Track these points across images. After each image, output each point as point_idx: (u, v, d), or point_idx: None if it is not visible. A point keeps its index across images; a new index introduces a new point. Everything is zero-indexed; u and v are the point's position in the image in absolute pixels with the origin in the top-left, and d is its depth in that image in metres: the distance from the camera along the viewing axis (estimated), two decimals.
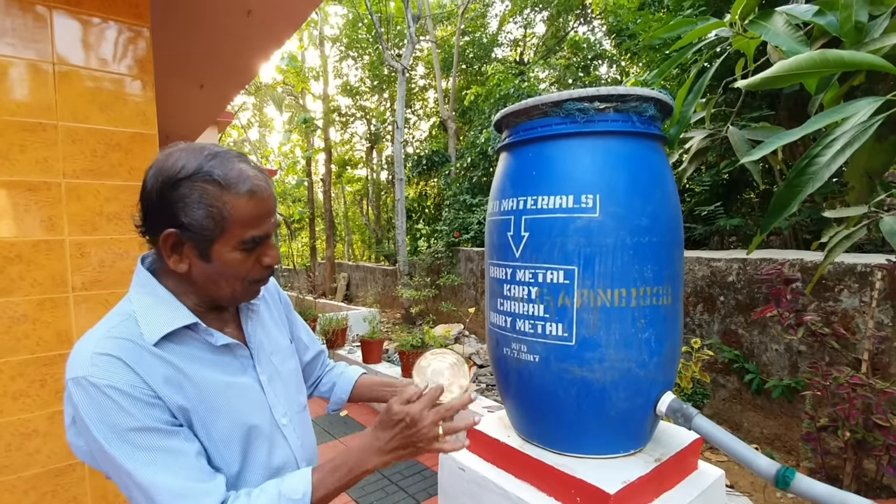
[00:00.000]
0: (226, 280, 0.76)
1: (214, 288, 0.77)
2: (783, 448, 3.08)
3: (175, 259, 0.73)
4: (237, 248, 0.73)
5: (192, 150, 0.73)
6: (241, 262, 0.75)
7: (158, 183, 0.71)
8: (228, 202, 0.71)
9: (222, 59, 3.38)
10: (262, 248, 0.77)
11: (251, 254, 0.76)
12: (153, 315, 0.73)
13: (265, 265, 0.78)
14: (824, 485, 1.06)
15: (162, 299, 0.75)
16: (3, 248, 1.75)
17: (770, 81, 0.91)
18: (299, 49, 14.42)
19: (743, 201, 5.03)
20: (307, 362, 1.09)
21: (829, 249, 1.31)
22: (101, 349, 0.68)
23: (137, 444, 0.66)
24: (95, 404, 0.66)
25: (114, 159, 1.97)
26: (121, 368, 0.68)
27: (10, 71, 1.77)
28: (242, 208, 0.72)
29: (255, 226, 0.74)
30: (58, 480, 1.88)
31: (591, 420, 1.26)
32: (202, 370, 0.76)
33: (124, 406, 0.66)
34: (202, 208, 0.70)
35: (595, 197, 1.17)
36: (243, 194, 0.72)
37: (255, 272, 0.78)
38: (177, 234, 0.71)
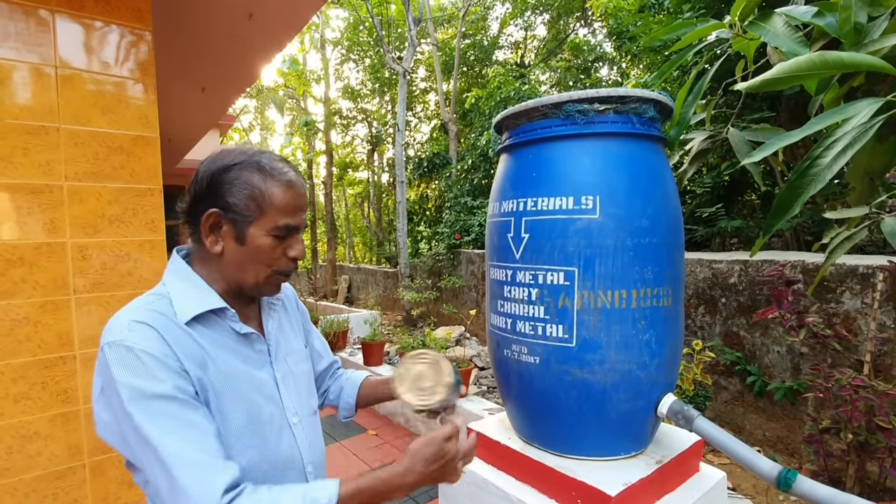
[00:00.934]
0: (254, 266, 0.81)
1: (242, 273, 0.81)
2: (785, 450, 3.07)
3: (212, 239, 0.80)
4: (270, 233, 0.79)
5: (242, 147, 0.84)
6: (271, 249, 0.80)
7: (210, 171, 0.79)
8: (269, 188, 0.79)
9: (224, 63, 3.39)
10: (291, 239, 0.82)
11: (281, 242, 0.81)
12: (186, 297, 0.78)
13: (291, 257, 0.83)
14: (826, 487, 1.06)
15: (195, 284, 0.81)
16: (5, 251, 1.75)
17: (770, 83, 0.92)
18: (300, 52, 14.47)
19: (744, 203, 5.02)
20: (320, 371, 1.11)
21: (831, 251, 1.31)
22: (138, 318, 0.73)
23: (161, 411, 0.69)
24: (129, 366, 0.69)
25: (115, 162, 1.97)
26: (155, 336, 0.72)
27: (14, 74, 1.78)
28: (280, 196, 0.79)
29: (290, 215, 0.81)
30: (59, 483, 1.88)
31: (592, 422, 1.26)
32: (226, 356, 0.80)
33: (155, 371, 0.69)
34: (246, 190, 0.78)
35: (595, 198, 1.17)
36: (283, 183, 0.80)
37: (281, 263, 0.83)
38: (218, 214, 0.78)
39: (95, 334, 1.94)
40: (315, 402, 0.99)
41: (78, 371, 1.91)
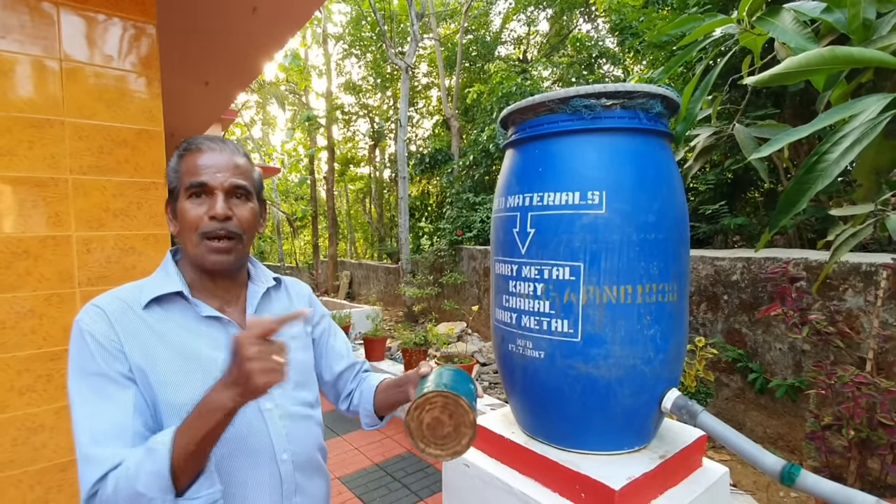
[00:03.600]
0: (186, 233, 0.85)
1: (185, 245, 0.87)
2: (786, 447, 3.08)
3: (172, 224, 0.88)
4: (185, 196, 0.85)
5: None
6: (189, 212, 0.84)
7: None
8: (182, 160, 0.87)
9: (227, 57, 3.38)
10: (207, 199, 0.85)
11: (199, 205, 0.84)
12: (153, 284, 0.85)
13: (210, 216, 0.84)
14: (829, 481, 1.06)
15: (167, 272, 0.87)
16: (11, 244, 1.76)
17: (779, 78, 0.91)
18: (302, 46, 14.42)
19: (747, 200, 5.02)
20: (339, 372, 1.08)
21: (835, 248, 1.31)
22: (97, 302, 0.80)
23: (89, 385, 0.75)
24: (75, 343, 0.77)
25: (120, 156, 1.98)
26: (101, 320, 0.78)
27: (18, 68, 1.78)
28: (188, 161, 0.86)
29: (195, 174, 0.85)
30: (63, 475, 1.89)
31: (596, 416, 1.26)
32: (185, 336, 0.83)
33: (93, 351, 0.76)
34: (170, 169, 0.88)
35: (601, 193, 1.17)
36: (191, 150, 0.87)
37: (203, 223, 0.84)
38: (166, 200, 0.89)
39: None
40: (309, 396, 0.96)
41: None
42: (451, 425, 0.71)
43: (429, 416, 0.71)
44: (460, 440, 0.71)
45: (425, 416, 0.71)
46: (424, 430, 0.72)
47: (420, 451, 0.73)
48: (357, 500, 2.70)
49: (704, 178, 4.69)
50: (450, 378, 0.76)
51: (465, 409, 0.70)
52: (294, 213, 15.65)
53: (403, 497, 2.75)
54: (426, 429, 0.72)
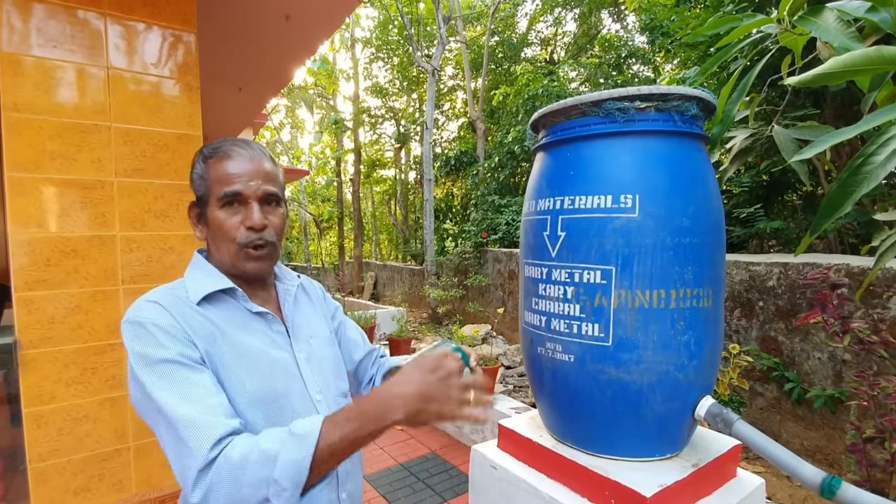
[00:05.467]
0: (221, 242, 0.86)
1: (220, 254, 0.87)
2: (825, 460, 2.96)
3: (198, 230, 0.89)
4: (218, 205, 0.85)
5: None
6: (223, 222, 0.84)
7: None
8: (209, 165, 0.86)
9: (261, 63, 3.48)
10: (245, 209, 0.85)
11: (233, 214, 0.85)
12: (198, 282, 0.85)
13: (248, 226, 0.85)
14: (872, 495, 1.02)
15: (206, 271, 0.87)
16: (60, 243, 1.85)
17: (822, 78, 0.89)
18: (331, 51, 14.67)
19: (784, 203, 4.85)
20: (359, 360, 1.14)
21: (881, 254, 1.26)
22: (150, 298, 0.81)
23: (166, 374, 0.72)
24: (139, 337, 0.75)
25: (161, 159, 2.06)
26: (161, 311, 0.78)
27: (68, 76, 1.87)
28: (218, 168, 0.85)
29: (227, 182, 0.84)
30: (105, 464, 1.98)
31: (627, 422, 1.25)
32: (239, 333, 0.84)
33: (160, 339, 0.74)
34: (197, 174, 0.87)
35: (635, 197, 1.16)
36: (218, 156, 0.86)
37: (240, 233, 0.85)
38: (192, 204, 0.89)
39: None
40: (344, 386, 1.01)
41: (125, 358, 2.00)
42: None
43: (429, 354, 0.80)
44: None
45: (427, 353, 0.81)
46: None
47: None
48: (382, 498, 2.73)
49: (739, 180, 4.56)
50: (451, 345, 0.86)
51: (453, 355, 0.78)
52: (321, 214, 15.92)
53: (427, 498, 2.76)
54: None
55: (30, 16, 1.79)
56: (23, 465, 1.85)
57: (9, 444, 2.50)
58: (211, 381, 0.75)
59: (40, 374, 1.83)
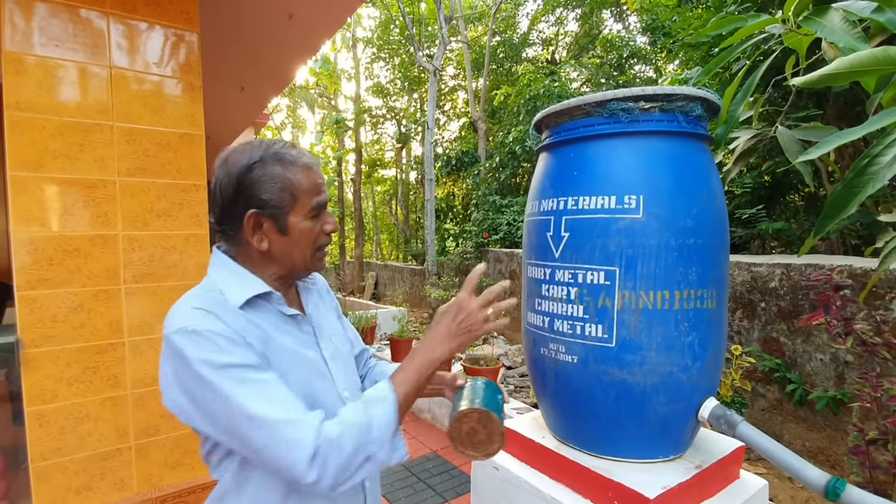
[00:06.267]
0: (299, 249, 0.87)
1: (289, 260, 0.88)
2: (826, 462, 2.96)
3: (258, 238, 0.84)
4: (307, 216, 0.86)
5: (248, 145, 0.86)
6: (310, 230, 0.87)
7: (232, 177, 0.83)
8: (295, 176, 0.84)
9: (263, 63, 3.48)
10: (323, 216, 0.89)
11: (317, 221, 0.88)
12: (234, 285, 0.83)
13: (327, 231, 0.90)
14: (877, 497, 1.02)
15: (239, 274, 0.86)
16: (62, 242, 1.85)
17: (829, 79, 0.89)
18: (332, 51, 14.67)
19: (786, 204, 4.84)
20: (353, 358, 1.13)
21: (885, 255, 1.26)
22: (197, 305, 0.78)
23: (239, 378, 0.74)
24: (200, 346, 0.74)
25: (164, 159, 2.06)
26: (215, 319, 0.77)
27: (71, 75, 1.87)
28: (305, 180, 0.85)
29: (317, 193, 0.87)
30: (106, 463, 1.98)
31: (630, 423, 1.24)
32: (279, 336, 0.85)
33: (223, 346, 0.74)
34: (277, 183, 0.83)
35: (638, 198, 1.16)
36: (303, 168, 0.86)
37: (321, 238, 0.89)
38: (258, 213, 0.83)
39: (143, 323, 2.03)
40: (358, 381, 1.05)
41: (126, 357, 2.00)
42: (485, 434, 0.88)
43: (467, 426, 0.88)
44: (492, 445, 0.88)
45: (464, 426, 0.88)
46: (464, 436, 0.89)
47: (460, 452, 0.89)
48: (383, 498, 2.73)
49: (741, 181, 4.55)
50: (482, 393, 0.92)
51: (496, 422, 0.87)
52: None
53: (429, 498, 2.76)
54: (465, 435, 0.89)
55: (32, 15, 1.79)
56: (25, 464, 1.86)
57: (11, 442, 2.50)
58: (278, 379, 0.78)
59: (42, 372, 1.83)
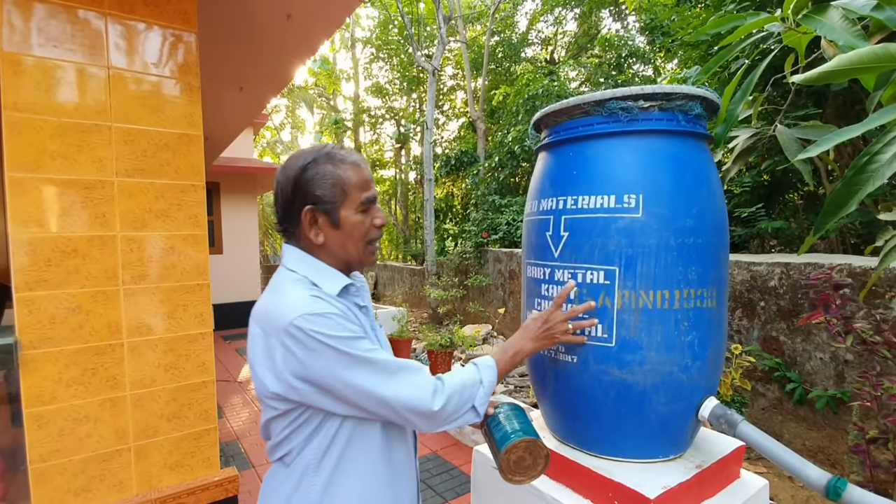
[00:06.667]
0: (352, 242, 0.96)
1: (344, 252, 0.96)
2: (827, 461, 2.95)
3: (315, 232, 0.94)
4: (357, 210, 0.94)
5: (303, 150, 0.97)
6: (360, 223, 0.95)
7: (290, 178, 0.93)
8: (345, 172, 0.93)
9: (262, 63, 3.48)
10: (373, 210, 0.97)
11: (367, 215, 0.96)
12: (324, 276, 0.94)
13: (377, 225, 0.98)
14: (878, 497, 1.02)
15: (325, 270, 0.96)
16: (60, 243, 1.85)
17: (828, 76, 0.88)
18: (331, 51, 14.67)
19: (785, 203, 4.84)
20: None
21: (885, 254, 1.26)
22: (311, 294, 0.88)
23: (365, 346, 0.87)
24: (329, 325, 0.84)
25: (162, 159, 2.05)
26: (328, 304, 0.88)
27: (69, 75, 1.87)
28: (354, 176, 0.94)
29: (367, 188, 0.95)
30: (105, 465, 1.97)
31: (630, 423, 1.24)
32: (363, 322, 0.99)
33: (345, 324, 0.86)
34: (328, 180, 0.92)
35: (638, 197, 1.15)
36: (353, 165, 0.94)
37: (371, 232, 0.98)
38: (313, 209, 0.92)
39: (141, 324, 2.03)
40: None
41: (125, 358, 2.00)
42: (531, 459, 0.96)
43: (514, 456, 0.95)
44: (536, 468, 0.97)
45: (512, 456, 0.95)
46: (512, 465, 0.96)
47: (508, 480, 0.97)
48: None
49: (740, 180, 4.55)
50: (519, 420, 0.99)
51: (541, 447, 0.95)
52: None
53: (429, 498, 2.76)
54: (513, 464, 0.96)
55: (30, 15, 1.79)
56: (23, 466, 1.85)
57: (9, 444, 2.49)
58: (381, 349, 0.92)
59: (41, 374, 1.82)
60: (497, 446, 0.96)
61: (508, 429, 0.96)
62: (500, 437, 0.96)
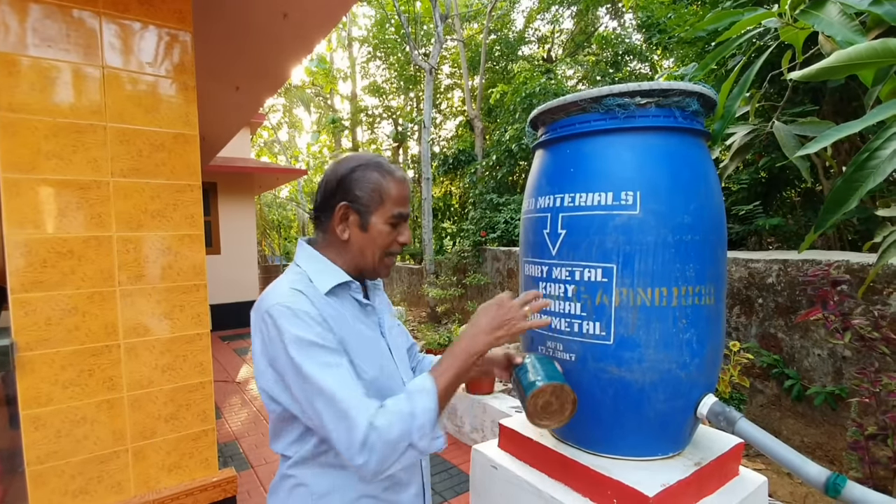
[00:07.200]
0: (372, 249, 0.97)
1: (361, 256, 0.98)
2: (825, 457, 2.96)
3: (342, 228, 0.97)
4: (388, 221, 0.97)
5: (360, 154, 1.02)
6: (387, 235, 0.97)
7: (338, 173, 0.97)
8: (387, 183, 0.96)
9: (258, 62, 3.46)
10: (402, 227, 1.00)
11: (394, 229, 0.98)
12: (321, 274, 0.95)
13: (401, 242, 1.00)
14: (878, 493, 1.01)
15: (325, 264, 0.98)
16: (56, 244, 1.84)
17: (826, 72, 0.88)
18: (328, 50, 14.63)
19: (783, 200, 4.85)
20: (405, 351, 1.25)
21: (883, 250, 1.25)
22: (293, 286, 0.90)
23: (316, 355, 0.84)
24: (291, 321, 0.85)
25: (158, 159, 2.04)
26: (307, 301, 0.88)
27: (64, 75, 1.86)
28: (395, 189, 0.97)
29: (402, 205, 0.98)
30: (103, 467, 1.97)
31: (629, 421, 1.24)
32: (354, 321, 0.96)
33: (313, 326, 0.86)
34: (370, 184, 0.96)
35: (636, 194, 1.15)
36: (397, 179, 0.98)
37: (393, 246, 1.00)
38: (348, 206, 0.96)
39: (138, 324, 2.02)
40: (411, 372, 1.15)
41: (122, 360, 1.99)
42: (558, 404, 0.99)
43: (541, 400, 0.97)
44: (564, 413, 1.00)
45: (539, 401, 0.97)
46: (539, 409, 0.98)
47: (535, 424, 1.00)
48: None
49: (738, 177, 4.55)
50: (547, 367, 1.02)
51: (568, 391, 0.99)
52: None
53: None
54: (540, 409, 0.98)
55: (25, 15, 1.77)
56: (21, 468, 1.84)
57: (7, 446, 2.48)
58: (350, 365, 0.87)
59: (37, 376, 1.82)
60: (524, 392, 0.98)
61: (535, 376, 0.99)
62: (527, 384, 0.99)
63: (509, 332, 0.95)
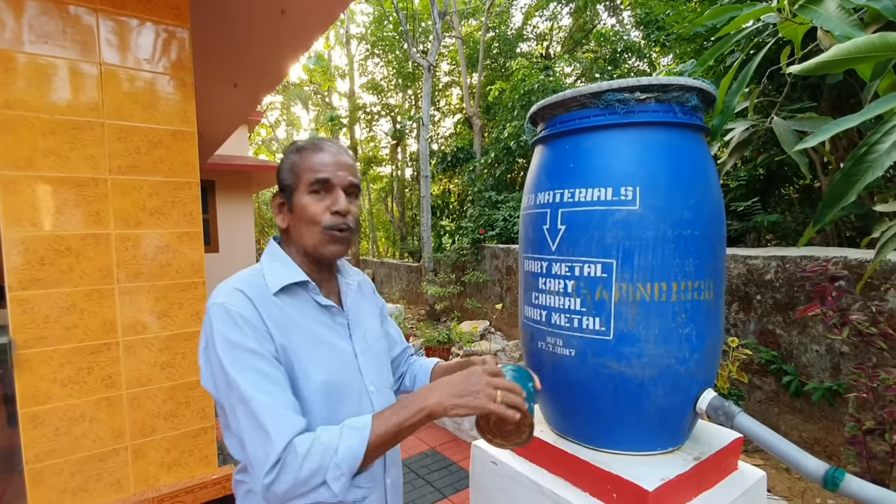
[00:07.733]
0: (307, 226, 0.92)
1: (301, 238, 0.93)
2: (823, 452, 2.97)
3: (280, 218, 0.96)
4: (308, 191, 0.91)
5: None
6: (313, 205, 0.91)
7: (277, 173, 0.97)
8: (301, 157, 0.93)
9: (256, 59, 3.45)
10: (331, 195, 0.92)
11: (320, 199, 0.92)
12: (276, 273, 0.91)
13: (334, 210, 0.92)
14: (876, 486, 1.02)
15: (284, 263, 0.94)
16: (54, 241, 1.83)
17: (826, 66, 0.88)
18: (326, 48, 14.59)
19: (781, 197, 4.85)
20: (395, 356, 1.21)
21: (881, 246, 1.26)
22: (238, 286, 0.86)
23: (246, 362, 0.80)
24: (225, 323, 0.81)
25: (156, 156, 2.04)
26: (248, 303, 0.84)
27: (61, 72, 1.85)
28: (310, 159, 0.92)
29: (318, 170, 0.91)
30: (102, 464, 1.96)
31: (628, 416, 1.24)
32: (309, 323, 0.91)
33: (245, 330, 0.81)
34: (287, 167, 0.94)
35: (635, 189, 1.15)
36: (311, 149, 0.94)
37: (325, 217, 0.92)
38: (278, 194, 0.95)
39: (137, 322, 2.01)
40: (390, 379, 1.10)
41: (121, 357, 1.99)
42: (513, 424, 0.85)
43: (494, 416, 0.84)
44: (521, 436, 0.87)
45: (491, 416, 0.86)
46: (492, 426, 0.88)
47: (488, 441, 0.90)
48: None
49: (736, 174, 4.56)
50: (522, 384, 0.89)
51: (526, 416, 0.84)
52: None
53: (428, 494, 2.76)
54: (493, 426, 0.88)
55: (21, 12, 1.76)
56: (20, 466, 1.84)
57: (5, 444, 2.48)
58: (283, 377, 0.82)
59: (35, 374, 1.81)
60: None
61: None
62: None
63: (468, 405, 0.80)
